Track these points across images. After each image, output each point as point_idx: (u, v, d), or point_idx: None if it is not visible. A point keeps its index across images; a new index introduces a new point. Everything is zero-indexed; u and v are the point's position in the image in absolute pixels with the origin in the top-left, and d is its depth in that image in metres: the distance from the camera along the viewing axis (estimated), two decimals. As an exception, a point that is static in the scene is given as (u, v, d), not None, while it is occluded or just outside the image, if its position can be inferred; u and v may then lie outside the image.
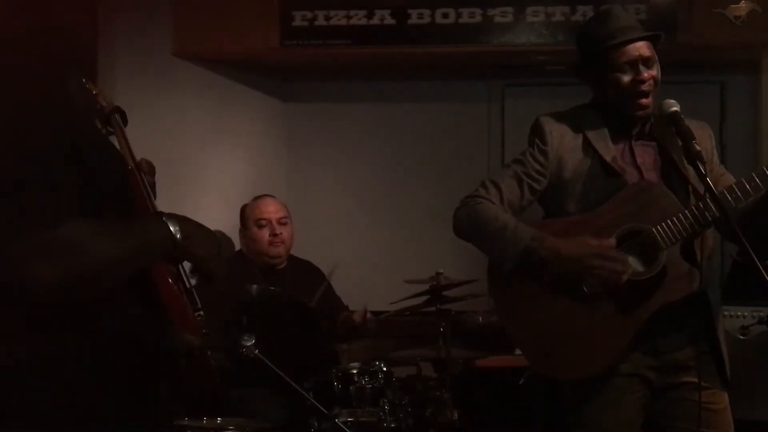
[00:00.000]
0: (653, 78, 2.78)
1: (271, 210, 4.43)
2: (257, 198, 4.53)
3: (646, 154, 2.85)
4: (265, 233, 4.37)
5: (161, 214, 1.77)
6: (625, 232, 2.75)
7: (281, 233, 4.37)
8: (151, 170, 2.03)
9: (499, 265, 2.84)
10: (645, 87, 2.77)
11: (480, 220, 2.82)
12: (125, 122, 1.99)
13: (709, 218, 2.67)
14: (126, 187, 1.83)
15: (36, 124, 1.65)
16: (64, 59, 1.82)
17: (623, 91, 2.78)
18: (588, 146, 2.84)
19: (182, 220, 1.76)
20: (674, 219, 2.70)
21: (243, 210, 4.51)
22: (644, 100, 2.78)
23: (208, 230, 1.84)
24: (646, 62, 2.78)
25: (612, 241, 2.71)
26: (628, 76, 2.77)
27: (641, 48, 2.78)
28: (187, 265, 1.88)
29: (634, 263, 2.75)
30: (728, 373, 2.80)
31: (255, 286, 3.86)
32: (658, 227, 2.71)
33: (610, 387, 2.77)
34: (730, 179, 2.85)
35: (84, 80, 1.89)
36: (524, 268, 2.75)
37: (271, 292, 3.89)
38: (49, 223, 1.58)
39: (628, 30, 2.80)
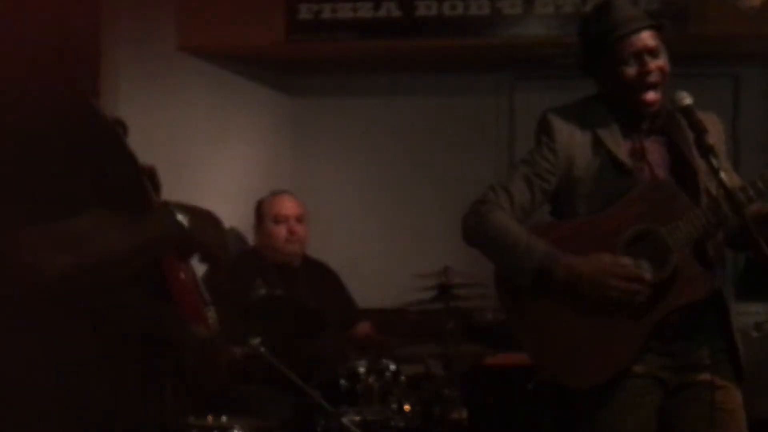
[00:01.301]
0: (660, 69, 2.71)
1: (289, 207, 4.43)
2: (275, 194, 4.51)
3: (656, 150, 2.79)
4: (282, 230, 4.36)
5: (168, 204, 1.78)
6: (636, 234, 2.70)
7: (298, 231, 4.36)
8: (154, 172, 2.02)
9: (505, 274, 2.81)
10: (652, 78, 2.70)
11: (490, 232, 2.76)
12: (125, 134, 1.99)
13: (722, 218, 2.62)
14: (137, 179, 1.84)
15: (49, 117, 1.66)
16: (70, 57, 1.82)
17: (629, 85, 2.71)
18: (598, 142, 2.78)
19: (189, 209, 1.77)
20: (685, 220, 2.65)
21: (259, 205, 4.49)
22: (651, 95, 2.71)
23: (215, 217, 1.85)
24: (652, 52, 2.71)
25: (627, 259, 2.66)
26: (634, 69, 2.70)
27: (646, 38, 2.71)
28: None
29: (645, 265, 2.70)
30: (743, 371, 2.77)
31: (263, 290, 3.84)
32: (669, 228, 2.66)
33: (624, 389, 2.72)
34: (733, 177, 2.77)
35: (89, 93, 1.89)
36: (538, 283, 2.72)
37: (278, 296, 3.87)
38: (63, 213, 1.60)
39: (632, 20, 2.73)
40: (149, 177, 1.95)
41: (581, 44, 2.85)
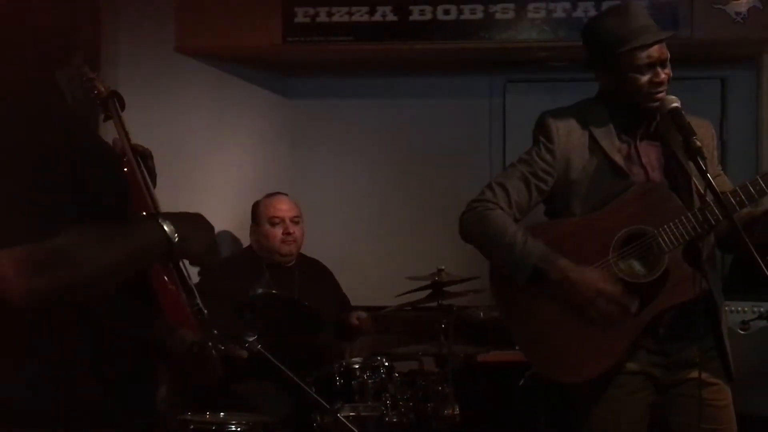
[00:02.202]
0: (668, 76, 2.77)
1: (285, 208, 4.46)
2: (271, 195, 4.53)
3: (651, 153, 2.84)
4: (278, 231, 4.39)
5: (157, 215, 1.78)
6: (629, 234, 2.74)
7: (294, 232, 4.40)
8: (149, 155, 2.04)
9: (502, 271, 2.85)
10: (662, 88, 2.76)
11: (488, 230, 2.81)
12: (122, 107, 2.00)
13: (712, 221, 2.66)
14: (122, 188, 1.84)
15: (27, 133, 1.65)
16: (61, 49, 1.82)
17: (640, 91, 2.76)
18: (594, 145, 2.82)
19: (177, 220, 1.76)
20: (677, 222, 2.69)
21: (256, 207, 4.51)
22: (661, 96, 2.77)
23: (203, 222, 1.84)
24: (663, 63, 2.77)
25: (619, 288, 2.71)
26: (647, 77, 2.75)
27: (660, 49, 2.76)
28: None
29: (637, 266, 2.75)
30: (732, 369, 2.81)
31: (260, 290, 3.88)
32: (661, 230, 2.70)
33: (616, 386, 2.77)
34: (726, 182, 2.84)
35: (81, 63, 1.88)
36: (533, 281, 2.76)
37: (274, 296, 3.90)
38: (42, 232, 1.58)
39: (649, 30, 2.77)
40: (143, 160, 1.96)
41: (590, 44, 2.87)
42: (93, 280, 1.63)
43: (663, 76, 2.75)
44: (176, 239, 1.73)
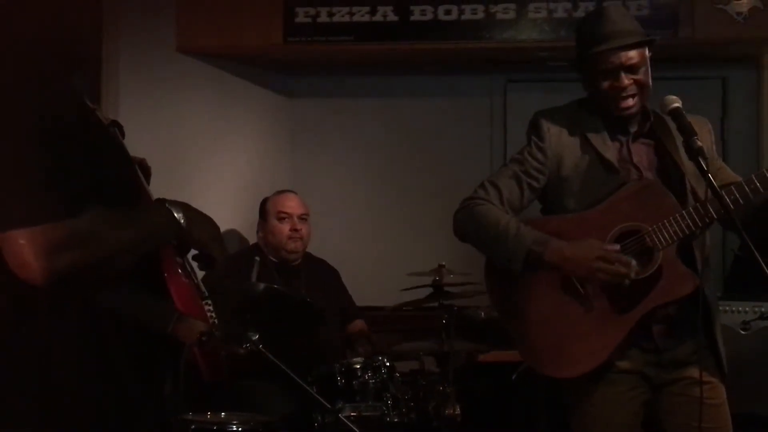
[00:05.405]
0: (637, 83, 2.76)
1: (293, 205, 4.46)
2: (280, 192, 4.55)
3: (643, 153, 2.85)
4: (285, 227, 4.40)
5: (164, 201, 1.85)
6: (623, 231, 2.75)
7: (301, 229, 4.41)
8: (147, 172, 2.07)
9: (496, 264, 2.85)
10: (625, 93, 2.76)
11: (481, 223, 2.82)
12: (122, 135, 2.03)
13: (707, 220, 2.67)
14: (133, 176, 1.90)
15: (46, 118, 1.71)
16: (70, 60, 1.85)
17: (604, 95, 2.78)
18: (586, 143, 2.83)
19: (184, 207, 1.84)
20: (671, 220, 2.70)
21: (264, 203, 4.52)
22: (625, 102, 2.77)
23: (208, 216, 1.91)
24: (630, 69, 2.76)
25: (616, 246, 2.72)
26: (608, 82, 2.76)
27: (625, 55, 2.75)
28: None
29: (631, 262, 2.76)
30: (725, 368, 2.82)
31: (262, 285, 3.88)
32: (655, 227, 2.71)
33: (610, 384, 2.77)
34: (728, 172, 2.86)
35: (83, 96, 1.92)
36: (527, 272, 2.77)
37: (275, 291, 3.91)
38: (59, 212, 1.65)
39: (617, 35, 2.76)
40: (140, 167, 2.00)
41: (575, 45, 2.90)
42: (108, 258, 1.69)
43: (626, 82, 2.75)
44: (183, 223, 1.80)
